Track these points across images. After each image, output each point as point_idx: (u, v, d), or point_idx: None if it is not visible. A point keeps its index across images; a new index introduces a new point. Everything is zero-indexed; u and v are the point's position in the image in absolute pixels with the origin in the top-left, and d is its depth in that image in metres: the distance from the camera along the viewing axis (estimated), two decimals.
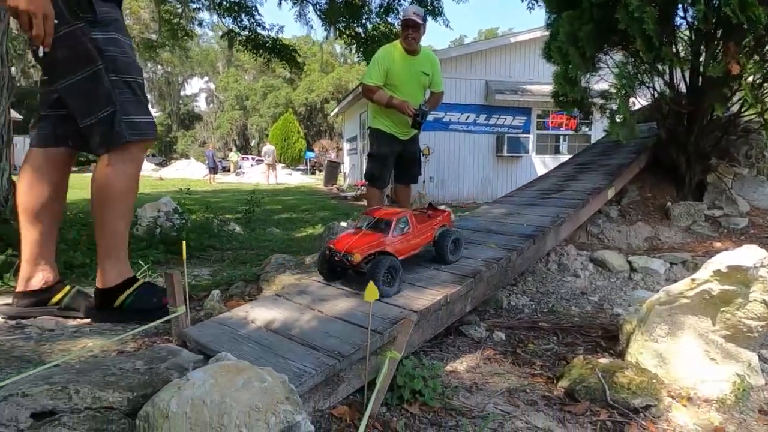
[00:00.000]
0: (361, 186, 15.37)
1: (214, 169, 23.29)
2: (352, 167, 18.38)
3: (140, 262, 3.89)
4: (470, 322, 2.68)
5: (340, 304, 2.14)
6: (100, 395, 1.46)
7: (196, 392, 1.36)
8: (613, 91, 3.55)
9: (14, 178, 5.87)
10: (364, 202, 13.22)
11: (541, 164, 12.76)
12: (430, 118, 13.09)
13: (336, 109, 20.84)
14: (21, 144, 15.23)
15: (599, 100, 4.15)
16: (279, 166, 25.60)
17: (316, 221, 8.75)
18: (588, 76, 3.95)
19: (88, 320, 2.42)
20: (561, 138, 13.56)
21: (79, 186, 7.33)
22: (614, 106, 3.80)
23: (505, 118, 13.10)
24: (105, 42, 2.07)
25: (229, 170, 30.00)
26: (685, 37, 3.82)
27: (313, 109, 38.66)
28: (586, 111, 4.18)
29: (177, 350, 1.86)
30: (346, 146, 20.36)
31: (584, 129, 13.37)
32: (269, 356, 1.71)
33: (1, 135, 4.98)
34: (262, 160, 26.21)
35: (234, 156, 32.24)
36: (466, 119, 12.88)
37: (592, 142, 11.02)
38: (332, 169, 19.53)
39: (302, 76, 40.29)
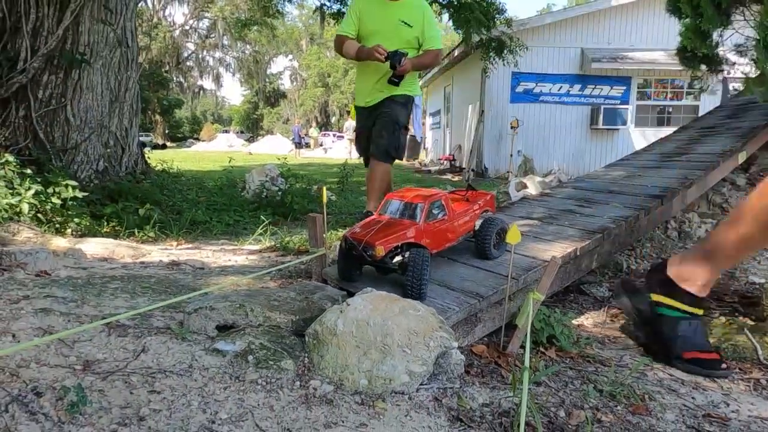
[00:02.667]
0: (445, 160, 15.26)
1: (299, 144, 24.11)
2: (434, 142, 18.27)
3: (262, 217, 4.16)
4: (591, 282, 2.63)
5: (467, 252, 2.18)
6: (270, 315, 1.62)
7: (359, 315, 1.47)
8: (753, 43, 3.22)
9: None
10: (449, 176, 13.16)
11: (641, 137, 11.92)
12: (519, 89, 12.49)
13: (419, 83, 20.70)
14: None
15: (732, 57, 3.78)
16: None
17: None
18: (721, 29, 3.61)
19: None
20: (664, 109, 12.56)
21: (187, 159, 7.88)
22: (751, 62, 3.45)
23: (602, 88, 12.31)
24: None
25: (309, 146, 30.87)
26: None
27: None
28: (715, 69, 3.84)
29: (322, 286, 2.01)
30: (429, 121, 20.22)
31: (689, 99, 12.30)
32: None
33: (131, 105, 5.50)
34: (343, 136, 26.69)
35: (314, 132, 33.12)
36: (559, 90, 12.27)
37: (700, 114, 10.11)
38: (414, 144, 19.50)
39: None
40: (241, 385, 1.27)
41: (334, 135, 35.22)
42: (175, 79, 36.41)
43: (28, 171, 3.75)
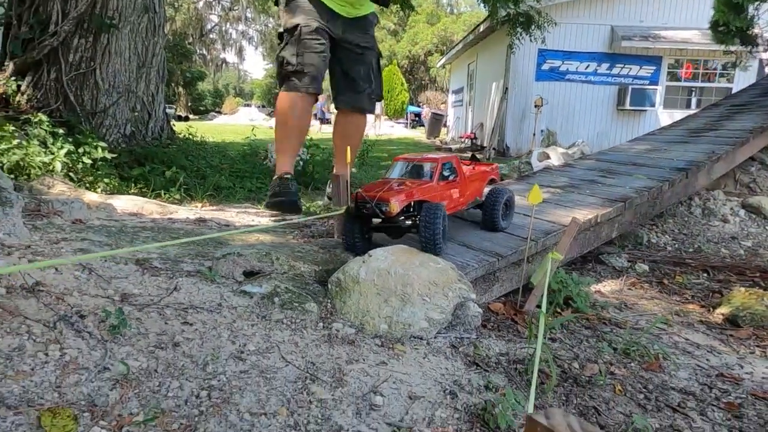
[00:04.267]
0: (466, 138, 15.11)
1: (323, 120, 24.15)
2: (456, 119, 18.08)
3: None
4: (610, 253, 2.63)
5: None
6: (294, 264, 1.68)
7: (381, 264, 1.52)
8: None
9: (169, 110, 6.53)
10: (469, 154, 13.03)
11: (669, 119, 11.58)
12: (545, 67, 12.20)
13: (443, 60, 20.39)
14: None
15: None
16: (382, 118, 25.85)
17: None
18: (757, 3, 3.49)
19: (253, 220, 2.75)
20: (695, 91, 12.19)
21: (209, 131, 7.91)
22: None
23: (630, 68, 11.98)
24: None
25: (329, 121, 30.76)
26: None
27: (415, 61, 38.05)
28: (751, 44, 3.72)
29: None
30: (451, 98, 19.98)
31: (722, 81, 11.92)
32: None
33: (158, 71, 5.56)
34: None
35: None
36: (586, 69, 11.98)
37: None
38: (436, 122, 19.33)
39: (407, 28, 39.61)
40: (267, 323, 1.33)
41: None
42: (198, 51, 36.45)
43: (60, 131, 3.86)
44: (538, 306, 1.83)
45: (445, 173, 1.79)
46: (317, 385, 1.10)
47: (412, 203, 1.66)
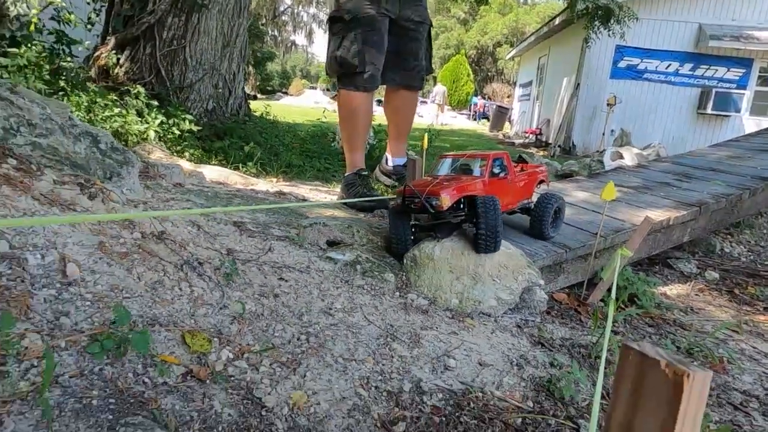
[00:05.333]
0: (531, 134, 14.78)
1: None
2: (522, 114, 17.71)
3: None
4: (679, 258, 2.60)
5: None
6: (372, 238, 1.81)
7: (455, 244, 1.62)
8: None
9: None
10: (533, 150, 12.74)
11: (755, 127, 10.85)
12: (622, 64, 11.71)
13: (513, 51, 19.94)
14: None
15: None
16: (445, 107, 25.69)
17: None
18: None
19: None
20: None
21: (276, 110, 8.19)
22: None
23: (716, 69, 11.25)
24: None
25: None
26: None
27: (483, 52, 37.32)
28: None
29: None
30: (518, 91, 19.55)
31: None
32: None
33: (240, 51, 5.86)
34: (426, 102, 26.45)
35: None
36: (667, 68, 11.37)
37: None
38: (500, 115, 19.01)
39: (477, 18, 38.85)
40: (350, 287, 1.48)
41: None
42: (269, 32, 37.47)
43: (155, 103, 4.19)
44: (602, 300, 1.87)
45: (496, 170, 1.73)
46: (397, 344, 1.22)
47: (462, 199, 1.57)
